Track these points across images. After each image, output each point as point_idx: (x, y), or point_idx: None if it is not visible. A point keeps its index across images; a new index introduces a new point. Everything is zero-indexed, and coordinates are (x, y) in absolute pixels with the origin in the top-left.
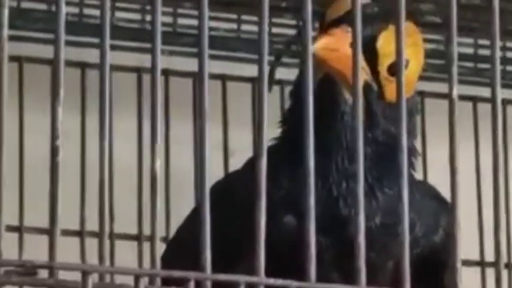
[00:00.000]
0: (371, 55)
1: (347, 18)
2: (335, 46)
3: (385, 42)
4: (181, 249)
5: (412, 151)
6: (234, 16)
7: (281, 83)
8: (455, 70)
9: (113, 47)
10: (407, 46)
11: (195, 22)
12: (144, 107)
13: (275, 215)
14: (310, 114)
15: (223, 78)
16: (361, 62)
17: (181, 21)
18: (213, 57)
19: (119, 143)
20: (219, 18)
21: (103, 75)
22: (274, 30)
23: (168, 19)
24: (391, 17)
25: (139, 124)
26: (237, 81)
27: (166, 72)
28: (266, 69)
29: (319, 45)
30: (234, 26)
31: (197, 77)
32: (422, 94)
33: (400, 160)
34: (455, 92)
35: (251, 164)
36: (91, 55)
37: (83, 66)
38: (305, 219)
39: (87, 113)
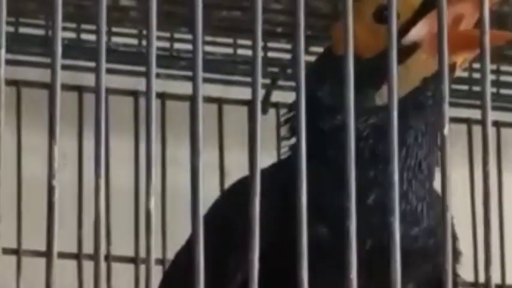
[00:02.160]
0: None
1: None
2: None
3: None
4: (177, 279)
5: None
6: (230, 41)
7: (277, 105)
8: (446, 108)
9: (110, 71)
10: None
11: (191, 46)
12: (140, 130)
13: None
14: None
15: (220, 101)
16: None
17: (178, 45)
18: (209, 80)
19: (116, 165)
20: (216, 42)
21: (99, 99)
22: (270, 54)
23: (165, 44)
24: None
25: (136, 147)
26: (233, 104)
27: (162, 96)
28: (260, 92)
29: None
30: (230, 50)
31: (191, 100)
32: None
33: (391, 196)
34: (446, 130)
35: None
36: (88, 79)
37: (80, 89)
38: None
39: (84, 136)
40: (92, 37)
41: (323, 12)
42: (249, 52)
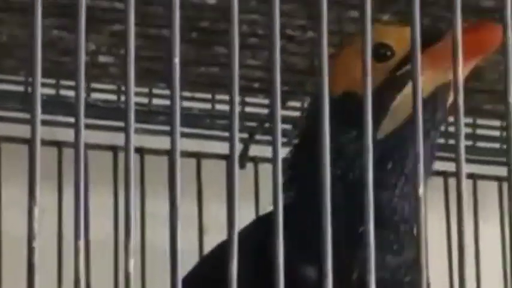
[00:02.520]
0: None
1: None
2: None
3: None
4: None
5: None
6: (208, 96)
7: (254, 160)
8: (421, 169)
9: (89, 126)
10: None
11: (169, 102)
12: (119, 185)
13: (291, 268)
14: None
15: (198, 155)
16: None
17: (156, 101)
18: (187, 135)
19: (96, 220)
20: (194, 98)
21: (78, 155)
22: (248, 109)
23: (144, 99)
24: None
25: (115, 201)
26: (212, 158)
27: (141, 150)
28: (238, 147)
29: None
30: (209, 105)
31: (169, 155)
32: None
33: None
34: (421, 191)
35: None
36: (67, 134)
37: (59, 145)
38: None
39: (64, 190)
40: (71, 93)
41: (299, 68)
42: (226, 107)
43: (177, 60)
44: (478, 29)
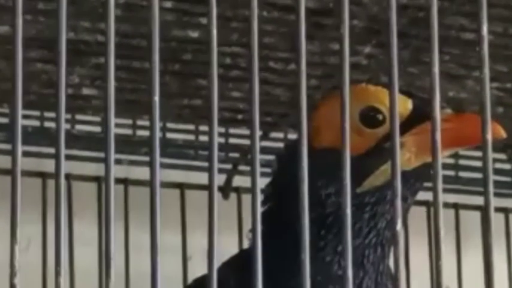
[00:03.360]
0: None
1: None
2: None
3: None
4: None
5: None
6: (192, 127)
7: (238, 190)
8: (399, 204)
9: (73, 157)
10: None
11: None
12: (104, 215)
13: None
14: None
15: (182, 186)
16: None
17: (141, 132)
18: (171, 166)
19: (81, 250)
20: (178, 129)
21: (58, 186)
22: (231, 140)
23: (128, 131)
24: None
25: (99, 231)
26: (195, 189)
27: (125, 181)
28: (218, 178)
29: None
30: (192, 137)
31: (150, 186)
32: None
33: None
34: (399, 226)
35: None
36: (52, 165)
37: (43, 176)
38: None
39: (48, 220)
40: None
41: (282, 99)
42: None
43: (156, 98)
44: (462, 121)
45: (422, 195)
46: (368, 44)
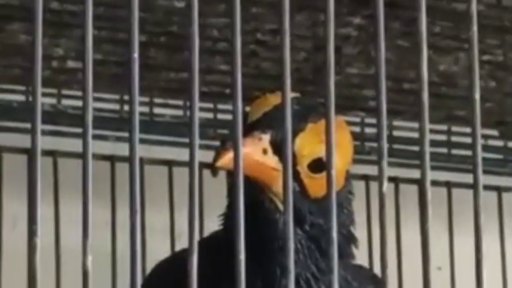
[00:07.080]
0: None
1: (262, 123)
2: (246, 156)
3: (302, 143)
4: None
5: (348, 239)
6: (180, 103)
7: None
8: (385, 165)
9: (59, 133)
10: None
11: (142, 108)
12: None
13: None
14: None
15: (170, 163)
16: (278, 165)
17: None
18: (160, 142)
19: (68, 226)
20: (167, 104)
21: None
22: (220, 116)
23: (115, 106)
24: (311, 115)
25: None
26: (184, 166)
27: (112, 158)
28: (197, 155)
29: (221, 163)
30: (181, 112)
31: (129, 161)
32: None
33: (331, 254)
34: (385, 187)
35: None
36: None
37: (28, 152)
38: None
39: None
40: (44, 99)
41: (271, 73)
42: (201, 114)
43: (136, 55)
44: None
45: (414, 173)
46: (358, 15)
